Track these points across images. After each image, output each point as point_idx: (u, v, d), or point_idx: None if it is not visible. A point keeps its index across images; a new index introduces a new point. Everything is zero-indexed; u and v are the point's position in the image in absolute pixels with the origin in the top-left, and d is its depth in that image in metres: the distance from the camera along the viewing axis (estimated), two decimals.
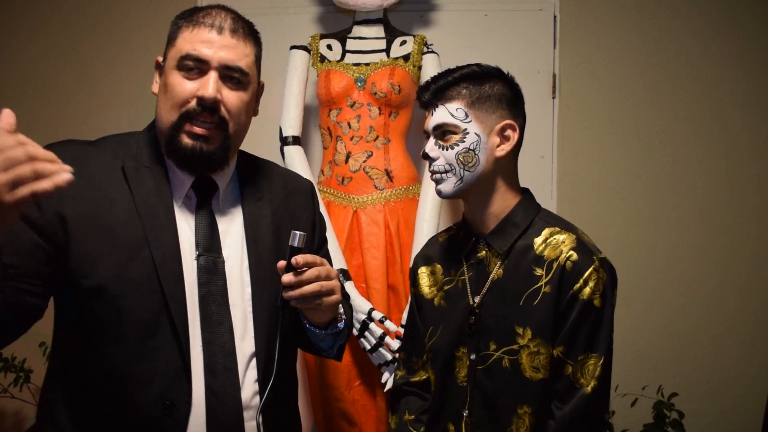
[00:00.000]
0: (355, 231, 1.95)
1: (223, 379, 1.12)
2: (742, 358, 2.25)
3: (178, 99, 1.13)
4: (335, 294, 1.15)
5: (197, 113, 1.13)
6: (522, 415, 1.24)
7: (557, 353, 1.22)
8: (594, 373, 1.21)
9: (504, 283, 1.27)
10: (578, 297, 1.21)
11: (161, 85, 1.17)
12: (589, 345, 1.22)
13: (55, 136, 1.21)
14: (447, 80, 1.29)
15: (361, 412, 1.91)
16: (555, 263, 1.23)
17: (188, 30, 1.14)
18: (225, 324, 1.14)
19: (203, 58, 1.12)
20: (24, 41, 2.43)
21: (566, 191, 2.29)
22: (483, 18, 2.31)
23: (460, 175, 1.27)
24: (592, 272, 1.21)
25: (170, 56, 1.15)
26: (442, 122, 1.28)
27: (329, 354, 1.31)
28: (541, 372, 1.23)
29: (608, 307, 1.23)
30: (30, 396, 2.24)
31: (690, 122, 2.27)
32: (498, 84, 1.29)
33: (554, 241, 1.25)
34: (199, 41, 1.12)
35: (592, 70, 2.29)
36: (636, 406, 2.05)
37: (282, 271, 1.10)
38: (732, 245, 2.26)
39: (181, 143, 1.13)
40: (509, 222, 1.30)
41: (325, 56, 2.04)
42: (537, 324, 1.23)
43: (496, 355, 1.26)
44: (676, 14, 2.27)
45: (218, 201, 1.21)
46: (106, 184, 1.13)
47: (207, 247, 1.16)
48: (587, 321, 1.21)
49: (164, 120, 1.15)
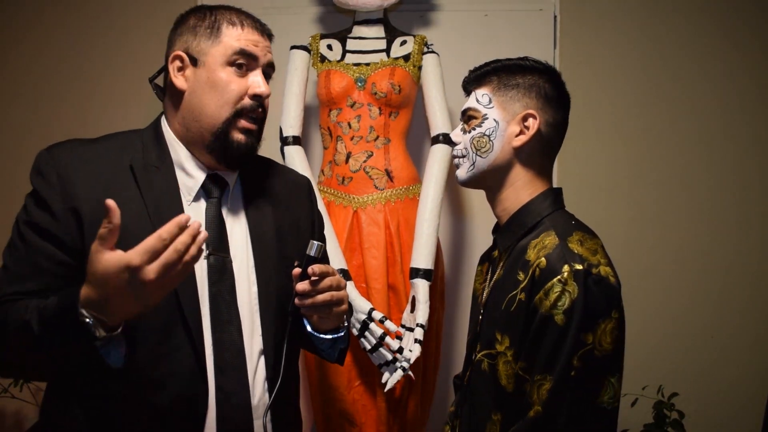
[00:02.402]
0: (356, 231, 1.95)
1: (232, 378, 1.12)
2: (743, 358, 2.25)
3: (232, 95, 1.15)
4: (344, 304, 1.18)
5: (252, 109, 1.17)
6: (495, 422, 1.18)
7: (518, 369, 1.13)
8: (541, 397, 1.07)
9: (500, 285, 1.23)
10: (538, 309, 1.09)
11: (204, 80, 1.15)
12: (544, 365, 1.08)
13: (54, 133, 1.21)
14: (485, 69, 1.29)
15: (361, 412, 1.91)
16: (530, 268, 1.13)
17: (235, 28, 1.17)
18: (234, 323, 1.14)
19: (257, 55, 1.18)
20: (24, 41, 2.43)
21: (566, 191, 2.27)
22: (483, 18, 2.31)
23: (472, 160, 1.25)
24: (555, 283, 1.08)
25: (214, 53, 1.15)
26: (468, 107, 1.28)
27: (330, 357, 1.31)
28: (511, 384, 1.14)
29: (573, 328, 1.06)
30: (30, 396, 2.24)
31: (690, 122, 2.27)
32: (535, 76, 1.25)
33: (541, 244, 1.15)
34: (250, 40, 1.17)
35: (593, 69, 2.29)
36: (636, 406, 2.05)
37: (296, 279, 1.12)
38: (733, 245, 2.26)
39: (233, 138, 1.16)
40: (516, 220, 1.24)
41: (325, 56, 2.04)
42: (512, 333, 1.15)
43: (478, 357, 1.24)
44: (676, 14, 2.27)
45: (227, 199, 1.21)
46: (115, 183, 1.12)
47: (216, 246, 1.16)
48: (546, 337, 1.08)
49: (215, 116, 1.15)
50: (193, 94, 1.16)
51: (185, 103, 1.17)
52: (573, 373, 1.07)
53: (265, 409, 1.15)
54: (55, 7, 2.42)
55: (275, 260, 1.21)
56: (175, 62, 1.17)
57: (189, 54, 1.16)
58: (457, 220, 2.37)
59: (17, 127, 2.43)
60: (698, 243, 2.27)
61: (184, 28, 1.18)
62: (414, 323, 1.83)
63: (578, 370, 1.07)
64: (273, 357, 1.17)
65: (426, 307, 1.83)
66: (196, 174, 1.18)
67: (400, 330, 1.83)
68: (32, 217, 1.08)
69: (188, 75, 1.16)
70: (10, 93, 2.43)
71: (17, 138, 2.41)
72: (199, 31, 1.17)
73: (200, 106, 1.15)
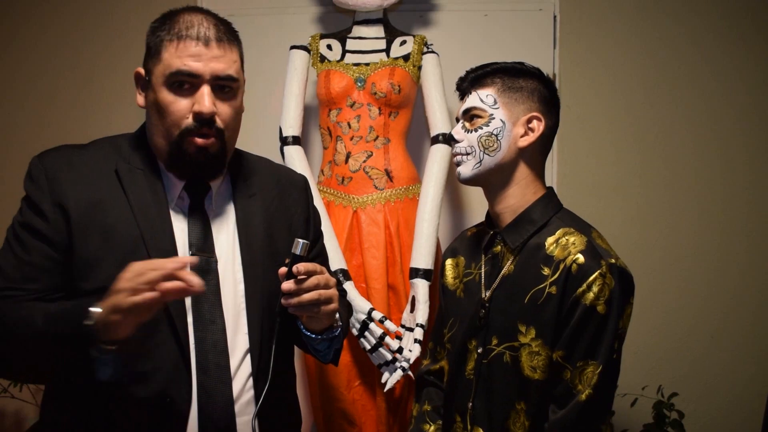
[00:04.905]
0: (355, 231, 1.95)
1: (214, 376, 1.13)
2: (742, 358, 2.25)
3: (174, 118, 1.12)
4: (333, 303, 1.16)
5: (196, 129, 1.12)
6: (519, 410, 1.24)
7: (556, 357, 1.21)
8: (591, 381, 1.18)
9: (513, 280, 1.28)
10: (580, 301, 1.19)
11: (151, 102, 1.15)
12: (590, 352, 1.19)
13: (46, 135, 1.21)
14: (486, 70, 1.33)
15: (361, 412, 1.91)
16: (562, 264, 1.22)
17: (173, 44, 1.11)
18: (217, 322, 1.15)
19: (195, 73, 1.10)
20: (25, 43, 2.43)
21: (566, 191, 2.29)
22: (483, 18, 2.31)
23: (479, 158, 1.29)
24: (597, 277, 1.19)
25: (157, 72, 1.12)
26: (471, 106, 1.32)
27: (325, 358, 1.31)
28: (538, 373, 1.22)
29: (614, 316, 1.19)
30: (30, 396, 2.24)
31: (690, 122, 2.27)
32: (535, 81, 1.32)
33: (565, 241, 1.25)
34: (188, 56, 1.10)
35: (592, 70, 2.29)
36: (636, 406, 2.05)
37: (283, 278, 1.11)
38: (732, 245, 2.26)
39: (185, 158, 1.14)
40: (525, 218, 1.30)
41: (325, 56, 2.04)
42: (540, 324, 1.23)
43: (497, 350, 1.27)
44: (675, 14, 2.27)
45: (211, 201, 1.22)
46: (101, 186, 1.15)
47: (200, 246, 1.17)
48: (589, 327, 1.19)
49: (164, 137, 1.14)
50: (149, 115, 1.18)
51: (147, 120, 1.19)
52: (615, 356, 1.21)
53: (254, 408, 1.16)
54: (47, 7, 2.41)
55: (264, 260, 1.21)
56: (138, 80, 1.19)
57: (146, 71, 1.16)
58: (457, 219, 2.37)
59: (21, 130, 2.42)
60: (698, 243, 2.27)
61: (147, 40, 1.17)
62: (414, 323, 1.83)
63: (617, 353, 1.22)
64: (259, 356, 1.17)
65: (426, 307, 1.83)
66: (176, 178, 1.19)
67: (399, 330, 1.83)
68: (26, 219, 1.13)
69: (141, 92, 1.18)
70: (14, 97, 2.43)
71: (14, 139, 2.41)
72: (150, 47, 1.15)
73: (153, 127, 1.16)
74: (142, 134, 1.22)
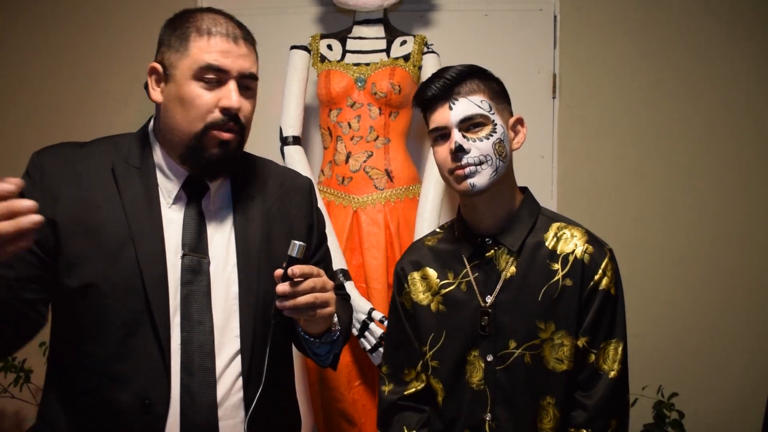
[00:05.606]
0: (355, 231, 1.95)
1: (199, 379, 1.13)
2: (743, 358, 2.25)
3: (201, 110, 1.13)
4: (329, 306, 1.14)
5: (223, 123, 1.14)
6: (546, 406, 1.26)
7: (582, 344, 1.26)
8: (616, 358, 1.26)
9: (519, 281, 1.28)
10: (598, 288, 1.26)
11: (172, 95, 1.15)
12: (609, 332, 1.27)
13: (50, 134, 1.22)
14: (460, 73, 1.27)
15: (361, 412, 1.91)
16: (571, 257, 1.27)
17: (202, 39, 1.13)
18: (206, 324, 1.15)
19: (224, 68, 1.13)
20: (21, 40, 2.43)
21: (566, 191, 2.29)
22: (483, 18, 2.31)
23: (495, 166, 1.25)
24: (608, 263, 1.28)
25: (182, 66, 1.13)
26: (471, 114, 1.25)
27: (324, 362, 1.30)
28: (565, 363, 1.25)
29: (621, 294, 1.30)
30: (30, 396, 2.24)
31: (691, 122, 2.27)
32: (496, 82, 1.32)
33: (563, 235, 1.30)
34: (218, 51, 1.13)
35: (593, 69, 2.29)
36: (636, 406, 2.05)
37: (278, 280, 1.10)
38: (732, 245, 2.26)
39: (207, 151, 1.14)
40: (516, 219, 1.31)
41: (325, 56, 2.04)
42: (560, 317, 1.26)
43: (517, 353, 1.27)
44: (675, 14, 2.27)
45: (209, 200, 1.22)
46: (95, 185, 1.15)
47: (193, 247, 1.17)
48: (607, 309, 1.27)
49: (186, 130, 1.14)
50: (167, 108, 1.16)
51: (161, 114, 1.18)
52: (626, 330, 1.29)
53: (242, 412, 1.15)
54: (53, 7, 2.42)
55: (261, 262, 1.20)
56: (153, 74, 1.18)
57: (163, 65, 1.16)
58: None
59: (18, 129, 2.43)
60: (698, 244, 2.27)
61: (164, 36, 1.18)
62: None
63: None
64: (251, 359, 1.17)
65: None
66: (176, 177, 1.19)
67: None
68: None
69: (163, 88, 1.17)
70: (7, 94, 2.43)
71: (20, 141, 2.41)
72: (171, 42, 1.16)
73: (173, 120, 1.16)
74: (144, 134, 1.22)
